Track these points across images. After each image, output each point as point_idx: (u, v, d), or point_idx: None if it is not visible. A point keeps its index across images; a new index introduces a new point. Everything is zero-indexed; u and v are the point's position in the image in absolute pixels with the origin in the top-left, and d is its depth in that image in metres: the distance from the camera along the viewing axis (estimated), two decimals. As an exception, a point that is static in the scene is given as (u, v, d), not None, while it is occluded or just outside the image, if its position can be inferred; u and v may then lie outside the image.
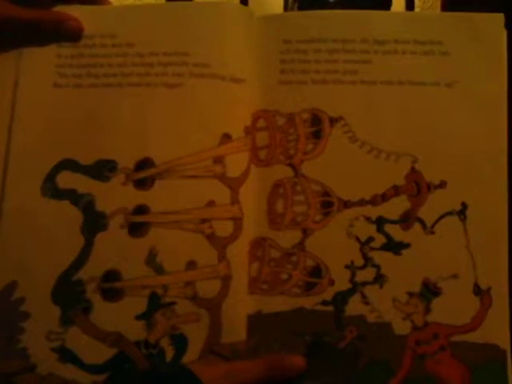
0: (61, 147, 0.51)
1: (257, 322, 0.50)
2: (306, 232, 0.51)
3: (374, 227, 0.51)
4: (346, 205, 0.51)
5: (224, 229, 0.50)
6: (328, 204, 0.52)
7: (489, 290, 0.50)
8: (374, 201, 0.51)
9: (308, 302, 0.50)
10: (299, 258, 0.51)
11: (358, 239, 0.51)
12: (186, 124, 0.51)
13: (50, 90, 0.52)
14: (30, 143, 0.51)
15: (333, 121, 0.52)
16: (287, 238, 0.52)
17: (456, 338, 0.49)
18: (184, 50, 0.52)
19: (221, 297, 0.49)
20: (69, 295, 0.48)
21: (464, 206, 0.51)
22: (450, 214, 0.51)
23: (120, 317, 0.48)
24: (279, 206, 0.52)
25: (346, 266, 0.51)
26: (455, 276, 0.50)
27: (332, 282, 0.50)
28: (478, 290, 0.50)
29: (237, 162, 0.52)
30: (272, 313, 0.50)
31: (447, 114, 0.52)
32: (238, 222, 0.51)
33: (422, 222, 0.51)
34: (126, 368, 0.47)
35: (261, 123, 0.53)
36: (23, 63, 0.52)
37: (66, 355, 0.47)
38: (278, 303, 0.50)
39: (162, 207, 0.50)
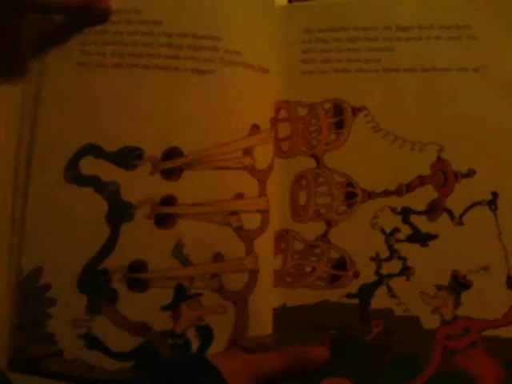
0: (84, 131, 0.49)
1: (282, 315, 0.49)
2: (329, 224, 0.51)
3: (399, 218, 0.50)
4: (370, 196, 0.51)
5: (252, 222, 0.49)
6: (352, 195, 0.51)
7: None
8: (398, 191, 0.50)
9: (333, 295, 0.50)
10: (323, 250, 0.50)
11: (382, 230, 0.50)
12: (215, 113, 0.49)
13: (73, 68, 0.50)
14: (54, 126, 0.49)
15: (355, 110, 0.52)
16: (311, 230, 0.51)
17: (488, 333, 0.48)
18: (215, 34, 0.50)
19: (247, 290, 0.48)
20: (94, 284, 0.47)
21: (494, 195, 0.49)
22: (479, 203, 0.49)
23: (146, 307, 0.47)
24: (302, 198, 0.51)
25: (371, 258, 0.50)
26: (486, 268, 0.48)
27: (357, 275, 0.50)
28: (511, 283, 0.48)
29: (264, 154, 0.51)
30: (297, 306, 0.50)
31: (474, 100, 0.51)
32: (265, 214, 0.50)
33: (449, 212, 0.50)
34: (151, 357, 0.47)
35: (282, 114, 0.52)
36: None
37: (93, 342, 0.47)
38: (303, 296, 0.50)
39: (189, 198, 0.48)
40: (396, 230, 0.50)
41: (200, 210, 0.48)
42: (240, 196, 0.49)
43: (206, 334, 0.48)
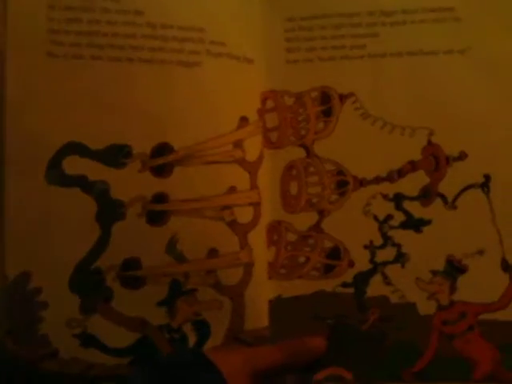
0: (63, 129, 0.46)
1: (278, 306, 0.49)
2: (322, 213, 0.50)
3: (391, 205, 0.50)
4: (362, 183, 0.50)
5: (245, 215, 0.49)
6: (343, 183, 0.51)
7: None
8: (390, 177, 0.50)
9: (328, 285, 0.49)
10: (316, 240, 0.50)
11: (375, 218, 0.50)
12: (204, 107, 0.48)
13: (43, 60, 0.46)
14: (26, 125, 0.46)
15: (343, 98, 0.51)
16: (303, 221, 0.51)
17: (484, 317, 0.48)
18: (200, 25, 0.49)
19: (243, 284, 0.48)
20: (88, 284, 0.46)
21: (487, 177, 0.49)
22: (472, 186, 0.49)
23: (142, 303, 0.47)
24: (293, 188, 0.51)
25: (365, 246, 0.50)
26: (481, 252, 0.48)
27: (351, 264, 0.50)
28: (506, 266, 0.48)
29: (253, 146, 0.50)
30: (292, 297, 0.50)
31: (462, 82, 0.50)
32: (257, 207, 0.50)
33: (442, 196, 0.49)
34: (149, 352, 0.46)
35: (269, 104, 0.52)
36: (10, 29, 0.46)
37: (89, 340, 0.46)
38: (298, 287, 0.50)
39: (181, 195, 0.48)
40: (389, 217, 0.50)
41: (192, 205, 0.48)
42: (232, 190, 0.49)
43: (202, 329, 0.47)
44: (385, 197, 0.50)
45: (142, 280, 0.47)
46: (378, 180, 0.50)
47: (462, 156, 0.50)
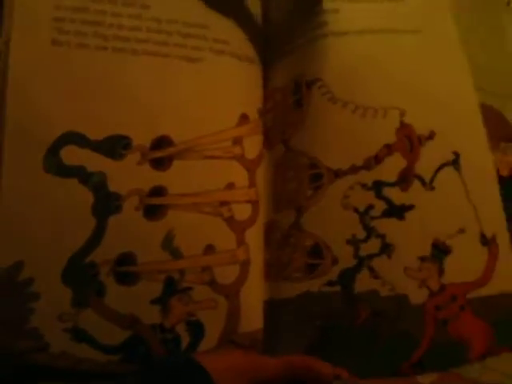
0: (64, 118, 0.45)
1: (270, 309, 0.48)
2: (299, 210, 0.49)
3: (371, 194, 0.48)
4: (338, 174, 0.48)
5: (243, 212, 0.48)
6: (317, 176, 0.49)
7: (494, 237, 0.47)
8: (367, 165, 0.48)
9: (313, 285, 0.48)
10: (297, 239, 0.49)
11: (356, 210, 0.48)
12: (205, 102, 0.48)
13: (47, 47, 0.46)
14: (26, 112, 0.45)
15: (309, 84, 0.50)
16: (284, 219, 0.49)
17: (472, 295, 0.47)
18: (204, 22, 0.49)
19: (239, 283, 0.47)
20: (81, 277, 0.44)
21: (456, 154, 0.48)
22: (445, 165, 0.48)
23: (135, 300, 0.45)
24: (278, 187, 0.50)
25: (348, 241, 0.48)
26: (462, 230, 0.47)
27: (335, 261, 0.48)
28: (484, 240, 0.47)
29: (253, 144, 0.50)
30: (281, 299, 0.48)
31: (421, 61, 0.51)
32: (255, 205, 0.49)
33: (420, 178, 0.48)
34: (140, 351, 0.45)
35: (270, 104, 0.52)
36: (16, 15, 0.46)
37: (80, 335, 0.44)
38: (285, 289, 0.48)
39: (179, 189, 0.47)
40: (370, 207, 0.48)
41: (190, 200, 0.47)
42: (231, 186, 0.48)
43: (196, 330, 0.46)
44: (363, 186, 0.48)
45: (137, 276, 0.45)
46: (354, 169, 0.48)
47: (432, 135, 0.49)
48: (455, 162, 0.48)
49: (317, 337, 0.47)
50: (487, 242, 0.47)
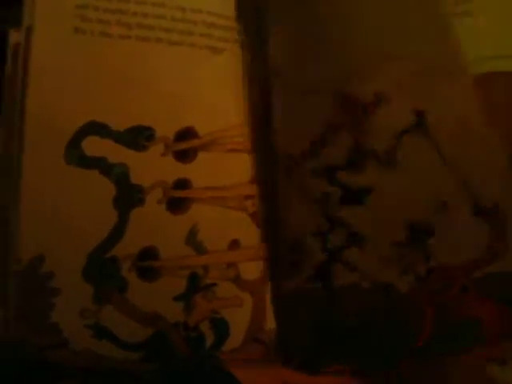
0: (86, 108, 0.44)
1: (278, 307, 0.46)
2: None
3: (324, 182, 0.45)
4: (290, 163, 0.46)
5: None
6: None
7: (496, 206, 0.42)
8: (313, 150, 0.45)
9: (298, 282, 0.45)
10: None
11: (314, 200, 0.45)
12: (230, 93, 0.47)
13: (70, 35, 0.44)
14: (47, 102, 0.43)
15: None
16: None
17: (477, 274, 0.42)
18: (227, 13, 0.48)
19: (264, 279, 0.46)
20: (102, 273, 0.43)
21: (419, 114, 0.43)
22: (406, 132, 0.43)
23: (157, 297, 0.43)
24: None
25: (314, 234, 0.44)
26: (444, 204, 0.42)
27: (308, 255, 0.45)
28: (478, 210, 0.42)
29: None
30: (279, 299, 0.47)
31: None
32: None
33: (374, 153, 0.44)
34: (163, 349, 0.43)
35: None
36: (38, 2, 0.44)
37: (101, 332, 0.42)
38: (273, 290, 0.47)
39: (204, 182, 0.45)
40: (326, 195, 0.45)
41: (215, 193, 0.45)
42: (255, 180, 0.47)
43: (221, 328, 0.44)
44: (314, 173, 0.45)
45: (159, 272, 0.44)
46: (304, 156, 0.46)
47: (378, 99, 0.44)
48: (420, 125, 0.43)
49: (314, 336, 0.45)
50: (483, 210, 0.42)
